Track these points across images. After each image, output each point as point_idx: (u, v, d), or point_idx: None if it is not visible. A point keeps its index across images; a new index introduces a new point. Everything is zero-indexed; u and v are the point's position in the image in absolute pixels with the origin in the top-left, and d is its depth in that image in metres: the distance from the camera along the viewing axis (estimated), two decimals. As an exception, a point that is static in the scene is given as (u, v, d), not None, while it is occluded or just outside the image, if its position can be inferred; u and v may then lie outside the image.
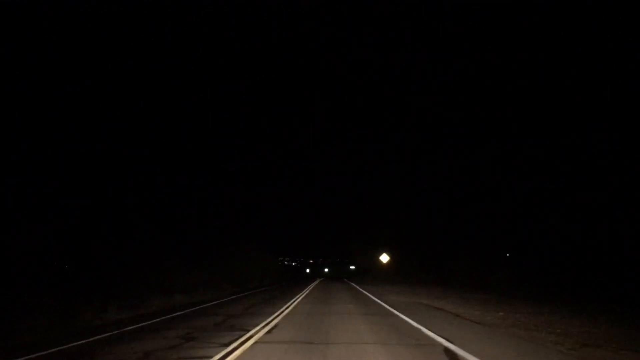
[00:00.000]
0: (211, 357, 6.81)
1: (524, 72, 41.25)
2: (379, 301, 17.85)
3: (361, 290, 26.47)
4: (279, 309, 14.40)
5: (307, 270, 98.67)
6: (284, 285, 37.25)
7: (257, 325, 10.50)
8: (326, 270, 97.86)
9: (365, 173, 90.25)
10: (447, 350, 7.27)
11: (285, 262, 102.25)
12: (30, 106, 24.15)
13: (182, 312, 14.43)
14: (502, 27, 44.07)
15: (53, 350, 8.02)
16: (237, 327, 10.22)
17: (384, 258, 46.23)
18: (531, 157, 39.05)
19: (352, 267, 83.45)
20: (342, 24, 66.78)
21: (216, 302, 18.57)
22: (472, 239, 44.49)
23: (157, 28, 44.95)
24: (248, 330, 9.58)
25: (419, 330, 9.76)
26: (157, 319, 12.54)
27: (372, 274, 51.67)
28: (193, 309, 15.62)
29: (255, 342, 8.02)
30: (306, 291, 25.26)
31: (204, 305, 16.77)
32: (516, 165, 40.31)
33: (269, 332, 9.40)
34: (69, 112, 27.30)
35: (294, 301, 17.71)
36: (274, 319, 11.67)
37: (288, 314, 13.11)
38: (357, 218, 78.71)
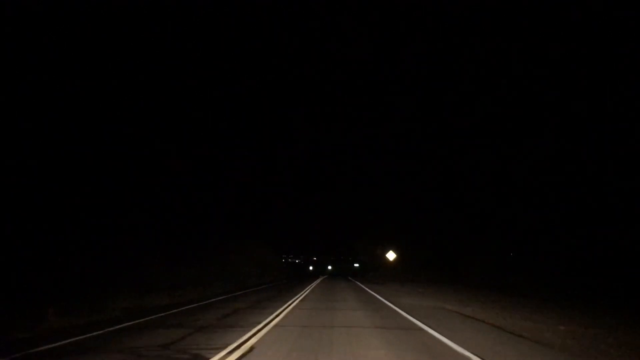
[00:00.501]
0: None
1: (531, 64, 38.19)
2: (392, 306, 14.16)
3: (368, 290, 22.78)
4: (267, 317, 10.77)
5: (310, 268, 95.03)
6: (284, 283, 33.63)
7: (224, 347, 6.88)
8: (329, 267, 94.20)
9: (370, 168, 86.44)
10: None
11: (289, 260, 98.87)
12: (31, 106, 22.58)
13: (141, 320, 10.81)
14: (502, 26, 41.37)
15: None
16: (190, 353, 6.58)
17: (391, 255, 42.51)
18: (540, 153, 35.99)
19: (356, 265, 79.81)
20: (343, 22, 63.43)
21: (195, 304, 14.94)
22: (481, 237, 40.84)
23: (157, 28, 42.51)
24: (203, 361, 5.95)
25: (470, 361, 6.10)
26: (96, 333, 8.92)
27: (377, 272, 47.99)
28: (159, 315, 12.00)
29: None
30: (306, 291, 21.62)
31: (176, 310, 13.14)
32: (524, 161, 36.99)
33: (234, 365, 5.76)
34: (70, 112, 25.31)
35: (290, 305, 14.08)
36: (254, 336, 8.04)
37: (276, 326, 9.47)
38: (361, 215, 74.99)
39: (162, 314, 12.16)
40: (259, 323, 9.79)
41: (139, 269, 23.03)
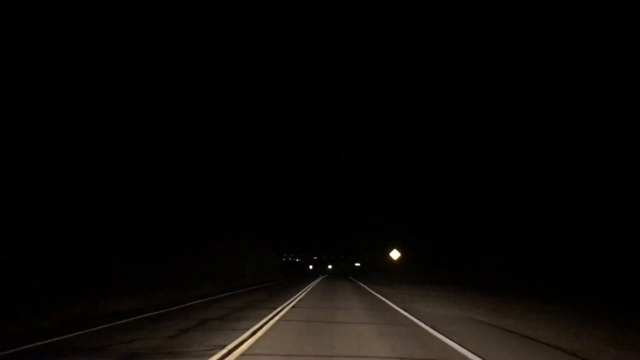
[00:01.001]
0: None
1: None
2: (410, 316, 10.66)
3: (374, 293, 19.28)
4: (238, 336, 7.32)
5: (310, 267, 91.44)
6: (280, 283, 30.14)
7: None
8: (330, 267, 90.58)
9: (372, 166, 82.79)
10: None
11: (289, 258, 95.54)
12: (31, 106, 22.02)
13: (64, 337, 7.39)
14: (502, 25, 39.04)
15: None
16: None
17: (395, 254, 38.97)
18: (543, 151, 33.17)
19: (357, 264, 76.25)
20: (342, 22, 60.62)
21: (158, 312, 11.46)
22: (488, 237, 37.37)
23: (157, 28, 40.93)
24: None
25: None
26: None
27: (381, 272, 44.48)
28: (100, 327, 8.56)
29: None
30: (302, 293, 18.15)
31: (125, 321, 9.67)
32: (529, 160, 33.90)
33: None
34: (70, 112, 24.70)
35: (278, 313, 10.61)
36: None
37: (244, 355, 6.01)
38: (363, 213, 71.43)
39: (104, 326, 8.76)
40: (221, 348, 6.33)
41: (111, 267, 19.65)
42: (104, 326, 8.83)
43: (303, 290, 20.64)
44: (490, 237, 37.20)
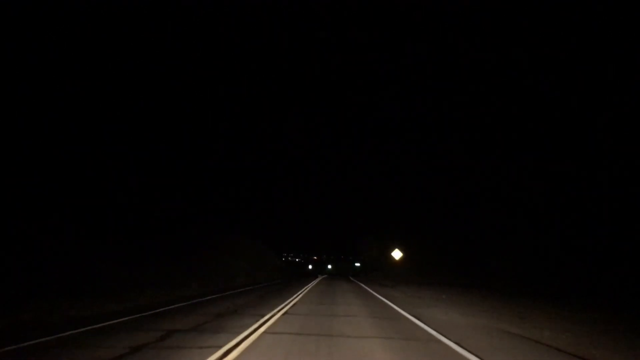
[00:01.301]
0: None
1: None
2: (427, 328, 8.62)
3: (378, 296, 17.23)
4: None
5: (310, 267, 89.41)
6: (276, 284, 28.11)
7: None
8: (329, 267, 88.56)
9: (372, 163, 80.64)
10: None
11: (289, 258, 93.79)
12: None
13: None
14: (502, 25, 37.81)
15: None
16: None
17: (397, 254, 36.91)
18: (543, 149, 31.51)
19: (357, 265, 74.20)
20: (342, 22, 59.12)
21: (120, 320, 9.43)
22: (495, 235, 35.36)
23: (157, 28, 40.42)
24: None
25: None
26: None
27: (382, 272, 42.45)
28: (24, 344, 6.55)
29: None
30: (299, 296, 16.14)
31: (76, 331, 7.66)
32: (532, 159, 32.10)
33: None
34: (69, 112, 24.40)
35: (264, 324, 8.60)
36: None
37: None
38: (363, 212, 69.47)
39: (46, 339, 6.84)
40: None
41: (94, 267, 17.68)
42: (46, 339, 6.83)
43: (300, 292, 18.62)
44: (494, 236, 35.28)
